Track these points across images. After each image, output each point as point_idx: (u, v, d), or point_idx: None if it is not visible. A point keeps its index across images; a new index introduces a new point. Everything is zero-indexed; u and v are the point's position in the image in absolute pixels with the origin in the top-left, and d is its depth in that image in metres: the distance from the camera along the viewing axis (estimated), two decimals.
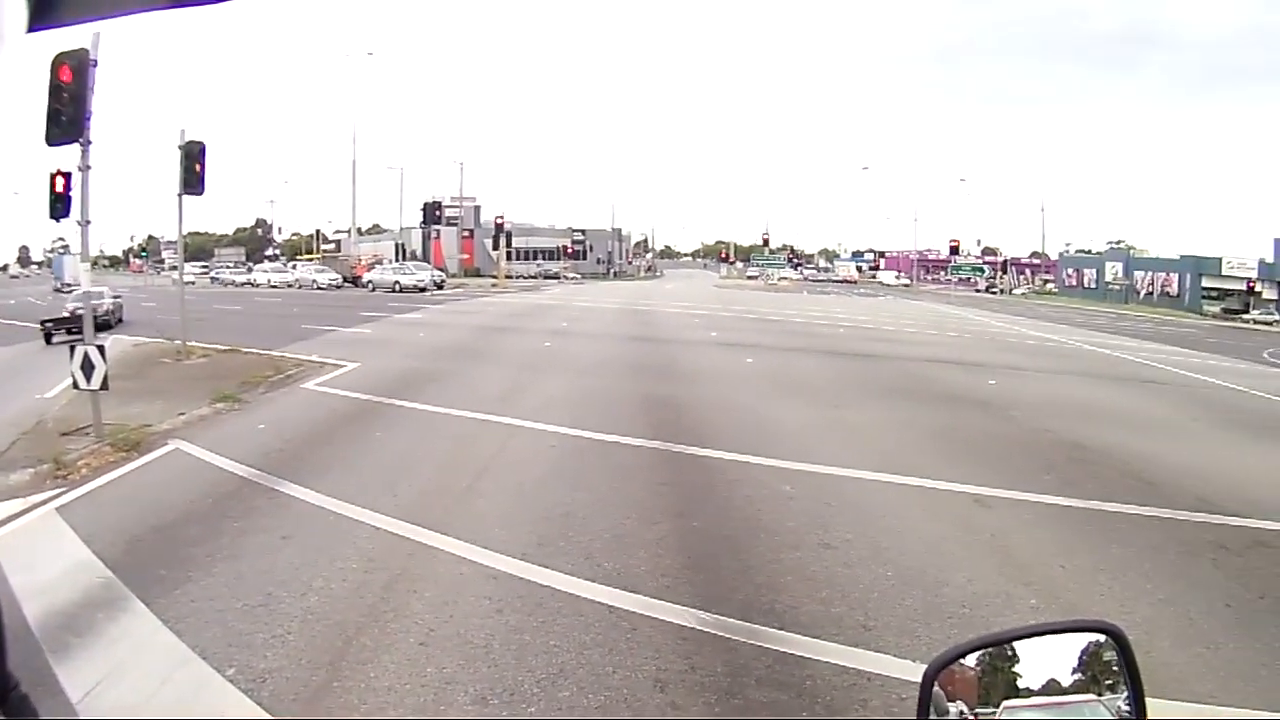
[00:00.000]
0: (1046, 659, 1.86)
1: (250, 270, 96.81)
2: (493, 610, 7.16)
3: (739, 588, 7.70)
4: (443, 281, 72.53)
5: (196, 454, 12.89)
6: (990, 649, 1.86)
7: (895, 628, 6.84)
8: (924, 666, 1.86)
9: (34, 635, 6.71)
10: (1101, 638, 1.88)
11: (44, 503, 10.72)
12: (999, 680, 1.84)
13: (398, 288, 65.59)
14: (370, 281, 69.95)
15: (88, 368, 13.88)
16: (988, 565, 8.42)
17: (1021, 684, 1.83)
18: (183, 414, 15.85)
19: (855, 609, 7.26)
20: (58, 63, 13.34)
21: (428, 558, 8.47)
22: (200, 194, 24.09)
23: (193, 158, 23.67)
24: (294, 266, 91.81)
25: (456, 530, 9.15)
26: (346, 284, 74.36)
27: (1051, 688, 1.85)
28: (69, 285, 75.80)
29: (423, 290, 64.97)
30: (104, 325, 31.28)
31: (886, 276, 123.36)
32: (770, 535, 9.16)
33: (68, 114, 13.53)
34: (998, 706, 1.81)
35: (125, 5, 2.22)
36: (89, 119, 14.01)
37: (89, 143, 14.27)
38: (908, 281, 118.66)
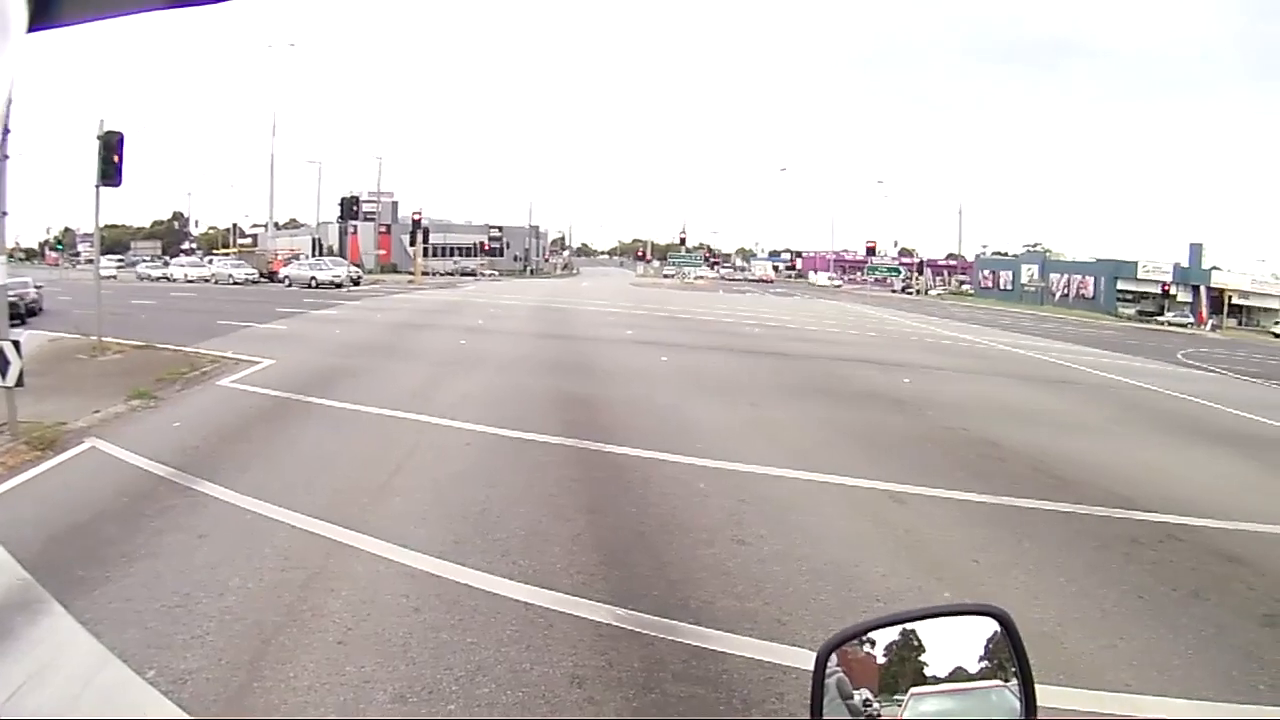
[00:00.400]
0: (951, 645, 1.88)
1: (167, 264, 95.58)
2: (410, 609, 7.17)
3: (654, 584, 7.76)
4: (359, 277, 72.22)
5: (112, 452, 12.73)
6: (895, 636, 1.89)
7: (810, 622, 6.94)
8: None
9: None
10: (995, 624, 1.93)
11: None
12: (906, 667, 1.87)
13: (314, 283, 64.85)
14: (287, 277, 68.94)
15: (2, 364, 13.64)
16: (902, 560, 8.54)
17: (928, 670, 1.87)
18: (98, 411, 15.62)
19: (770, 604, 7.35)
20: None
21: (345, 556, 8.44)
22: (118, 185, 23.68)
23: (111, 148, 23.21)
24: (210, 261, 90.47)
25: (373, 528, 9.12)
26: (263, 279, 73.40)
27: (958, 674, 1.88)
28: None
29: (339, 286, 64.45)
30: (31, 313, 35.38)
31: (819, 278, 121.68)
32: (685, 532, 9.24)
33: None
34: (904, 693, 1.85)
35: (125, 5, 2.22)
36: (10, 106, 13.75)
37: (7, 131, 14.05)
38: (840, 283, 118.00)
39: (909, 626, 1.90)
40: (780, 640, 6.56)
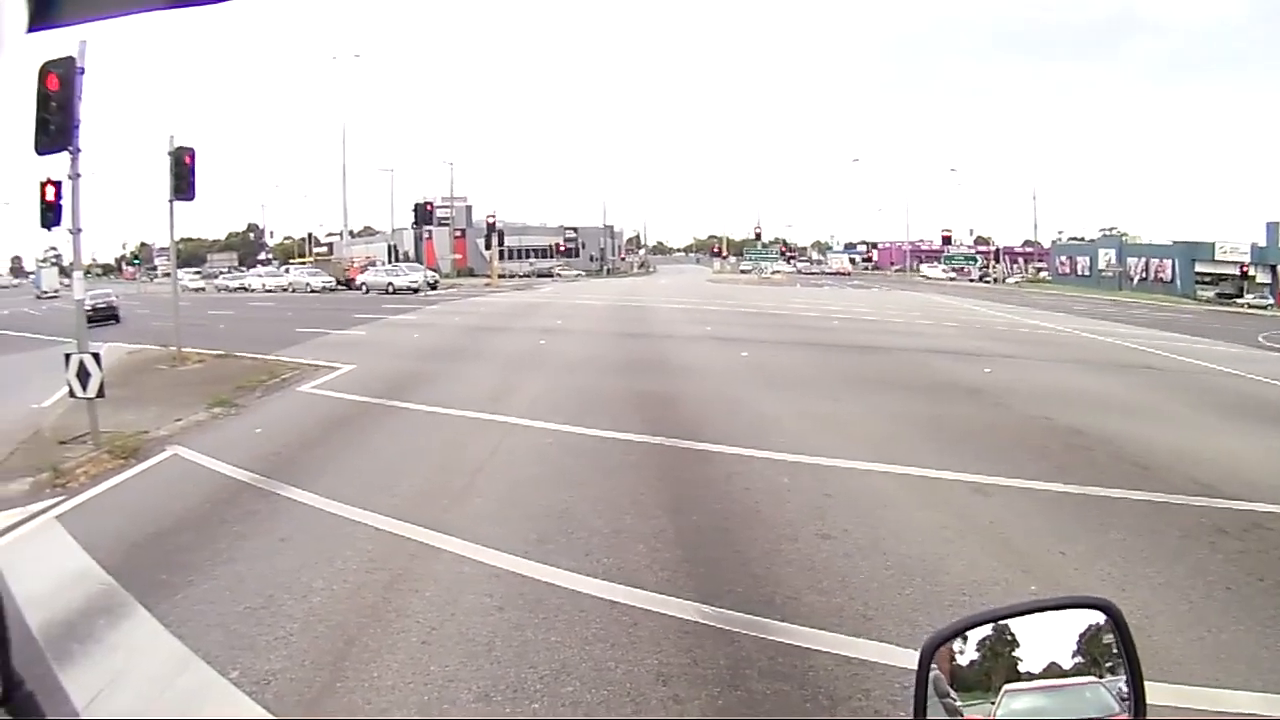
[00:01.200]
0: (1046, 640, 1.85)
1: (244, 275, 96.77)
2: (494, 608, 7.17)
3: (739, 580, 7.70)
4: (436, 282, 72.36)
5: (194, 459, 12.91)
6: (989, 632, 1.86)
7: (895, 616, 6.85)
8: None
9: (37, 643, 6.73)
10: (1099, 617, 1.89)
11: (43, 511, 10.72)
12: (999, 664, 1.84)
13: (391, 289, 65.37)
14: (364, 284, 69.76)
15: (83, 376, 13.87)
16: (986, 552, 8.42)
17: (1022, 667, 1.83)
18: (179, 420, 15.84)
19: (855, 599, 7.27)
20: (45, 71, 13.39)
21: (428, 557, 8.48)
22: (191, 199, 24.12)
23: (182, 164, 23.68)
24: (287, 270, 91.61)
25: (456, 529, 9.16)
26: (340, 286, 74.41)
27: (1052, 670, 1.84)
28: (47, 294, 79.10)
29: (416, 291, 64.81)
30: (112, 315, 44.17)
31: (934, 271, 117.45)
32: (768, 527, 9.18)
33: (56, 122, 13.60)
34: (999, 689, 1.81)
35: (125, 5, 2.23)
36: (78, 127, 14.05)
37: (78, 151, 14.28)
38: (953, 275, 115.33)
39: (1004, 622, 1.87)
40: (866, 636, 6.49)
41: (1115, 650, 1.85)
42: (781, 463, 11.85)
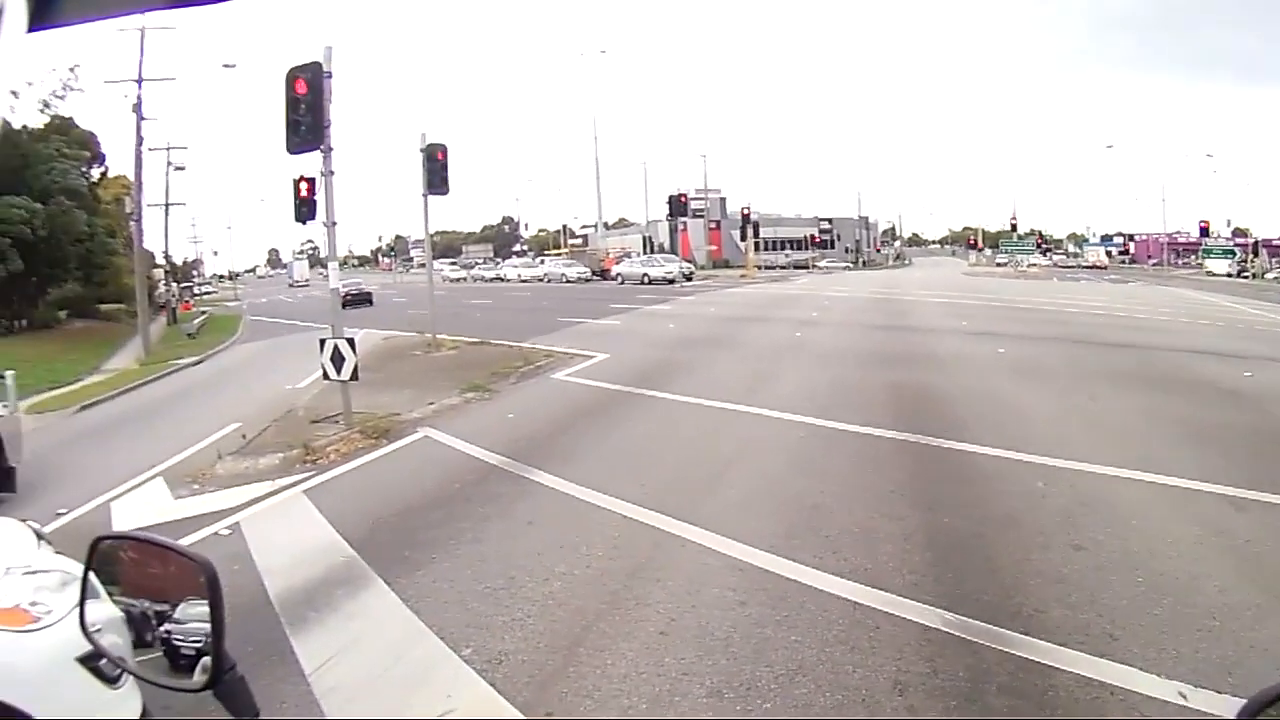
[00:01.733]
0: None
1: (499, 266, 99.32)
2: (736, 602, 7.15)
3: (986, 588, 7.51)
4: (691, 273, 72.70)
5: (445, 441, 13.30)
6: None
7: (1142, 638, 6.53)
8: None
9: (274, 608, 7.04)
10: None
11: (292, 485, 11.20)
12: None
13: (646, 280, 65.71)
14: (619, 274, 70.60)
15: (338, 360, 14.44)
16: (1240, 574, 7.96)
17: None
18: (432, 403, 16.32)
19: (1103, 616, 6.96)
20: (292, 77, 14.17)
21: (673, 547, 8.52)
22: (445, 194, 25.28)
23: (435, 159, 24.73)
24: (542, 261, 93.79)
25: (703, 520, 9.14)
26: (595, 277, 75.64)
27: None
28: (298, 283, 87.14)
29: (671, 282, 64.94)
30: (366, 299, 52.26)
31: (1218, 266, 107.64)
32: (1021, 533, 8.93)
33: (306, 123, 14.37)
34: None
35: (126, 5, 2.23)
36: (328, 127, 14.73)
37: (330, 149, 14.87)
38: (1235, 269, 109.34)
39: None
40: (1110, 657, 6.20)
41: None
42: (1037, 465, 11.49)
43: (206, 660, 2.18)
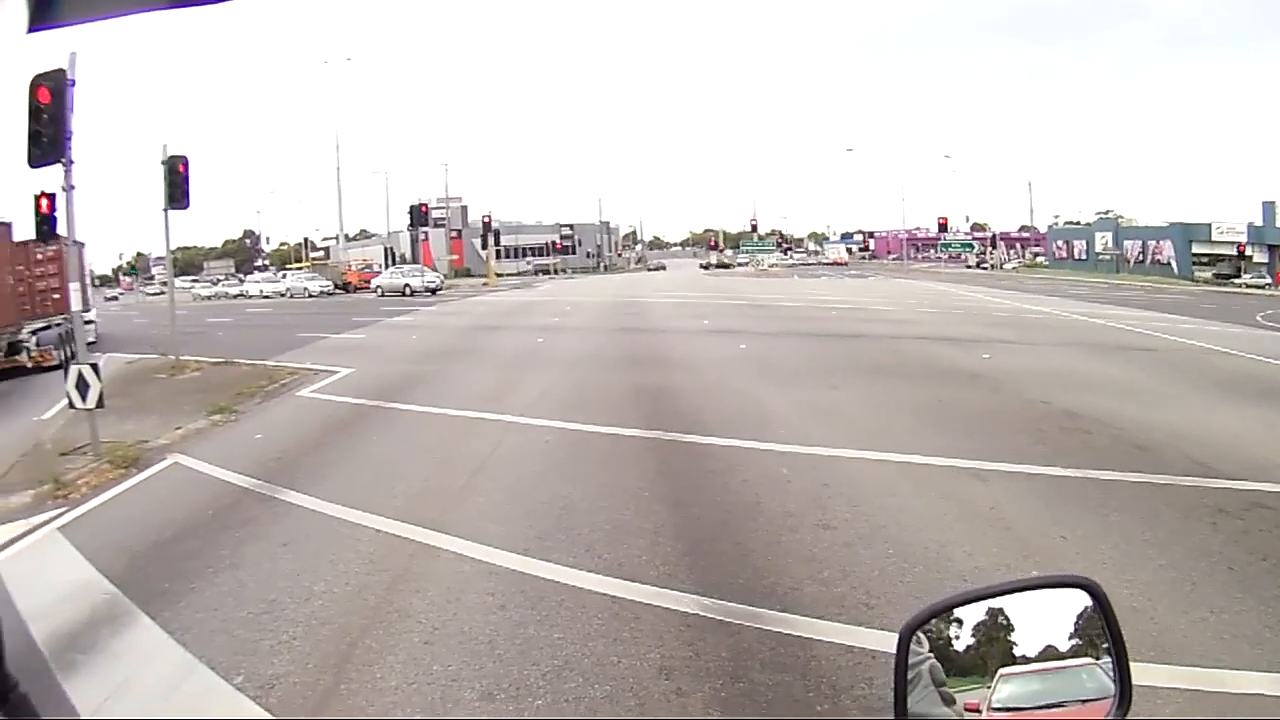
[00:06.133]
0: (1041, 621, 1.85)
1: (242, 282, 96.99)
2: (495, 606, 7.19)
3: (739, 572, 7.72)
4: (440, 284, 72.35)
5: (195, 467, 12.93)
6: (981, 616, 1.86)
7: (898, 604, 6.85)
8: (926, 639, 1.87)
9: (41, 654, 6.76)
10: (1085, 597, 1.89)
11: (46, 523, 10.74)
12: (994, 648, 1.84)
13: (408, 290, 65.57)
14: (379, 286, 69.95)
15: (83, 387, 13.84)
16: (988, 538, 8.44)
17: (1017, 650, 1.83)
18: (179, 428, 15.86)
19: (857, 588, 7.28)
20: (35, 84, 13.35)
21: (429, 557, 8.50)
22: (185, 208, 24.21)
23: (176, 172, 23.74)
24: (284, 276, 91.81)
25: (456, 528, 9.18)
26: (338, 291, 74.91)
27: (1048, 653, 1.84)
28: None
29: (434, 291, 65.56)
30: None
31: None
32: (768, 518, 9.19)
33: (48, 135, 13.56)
34: (994, 673, 1.81)
35: (125, 5, 2.24)
36: (70, 139, 13.97)
37: (71, 162, 14.26)
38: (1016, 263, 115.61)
39: (995, 604, 1.87)
40: (868, 624, 6.50)
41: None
42: (781, 454, 11.89)
43: None
